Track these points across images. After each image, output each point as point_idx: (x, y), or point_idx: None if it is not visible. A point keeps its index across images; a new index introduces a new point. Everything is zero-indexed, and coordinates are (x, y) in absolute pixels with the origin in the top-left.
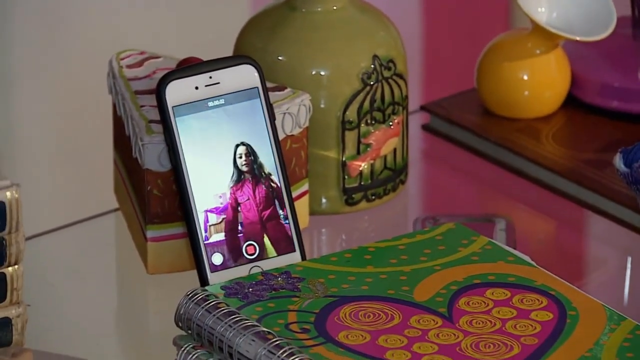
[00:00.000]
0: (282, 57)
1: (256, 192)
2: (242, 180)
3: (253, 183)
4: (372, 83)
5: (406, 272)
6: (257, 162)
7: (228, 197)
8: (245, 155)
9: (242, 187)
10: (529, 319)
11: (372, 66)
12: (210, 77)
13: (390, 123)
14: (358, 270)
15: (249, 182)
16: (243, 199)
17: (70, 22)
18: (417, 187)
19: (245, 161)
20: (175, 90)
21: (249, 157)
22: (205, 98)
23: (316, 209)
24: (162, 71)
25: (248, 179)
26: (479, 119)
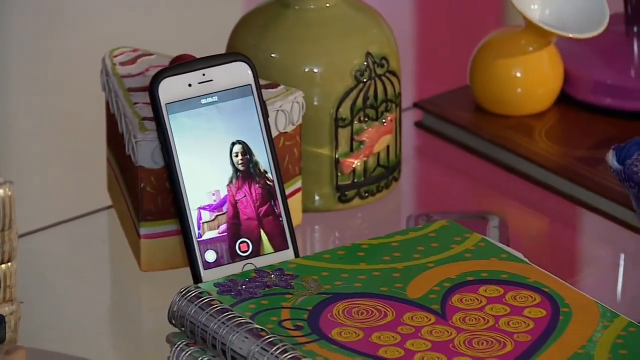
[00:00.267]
0: (276, 55)
1: (252, 190)
2: (238, 178)
3: (249, 181)
4: (366, 80)
5: (399, 270)
6: (253, 161)
7: (222, 195)
8: (241, 154)
9: (239, 185)
10: (522, 316)
11: (366, 64)
12: (203, 75)
13: (383, 120)
14: (351, 267)
15: (246, 180)
16: (240, 197)
17: (64, 20)
18: (411, 185)
19: (241, 160)
20: (168, 87)
21: (245, 156)
22: (198, 95)
23: (309, 207)
24: (156, 69)
25: (244, 177)
26: (472, 117)
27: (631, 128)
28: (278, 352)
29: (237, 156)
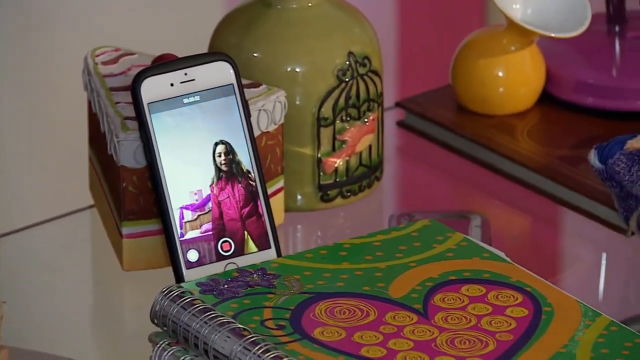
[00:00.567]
0: (257, 54)
1: (235, 190)
2: (221, 178)
3: (232, 181)
4: (348, 80)
5: (381, 269)
6: (235, 160)
7: (204, 194)
8: (224, 154)
9: (221, 186)
10: (504, 315)
11: (347, 63)
12: (185, 74)
13: (365, 120)
14: (333, 266)
15: (228, 180)
16: (222, 197)
17: (45, 18)
18: (393, 184)
19: (224, 160)
20: (150, 87)
21: (228, 156)
22: (180, 95)
23: (291, 206)
24: (137, 68)
25: (227, 177)
26: (454, 116)
27: (613, 127)
28: (260, 352)
29: (220, 156)
